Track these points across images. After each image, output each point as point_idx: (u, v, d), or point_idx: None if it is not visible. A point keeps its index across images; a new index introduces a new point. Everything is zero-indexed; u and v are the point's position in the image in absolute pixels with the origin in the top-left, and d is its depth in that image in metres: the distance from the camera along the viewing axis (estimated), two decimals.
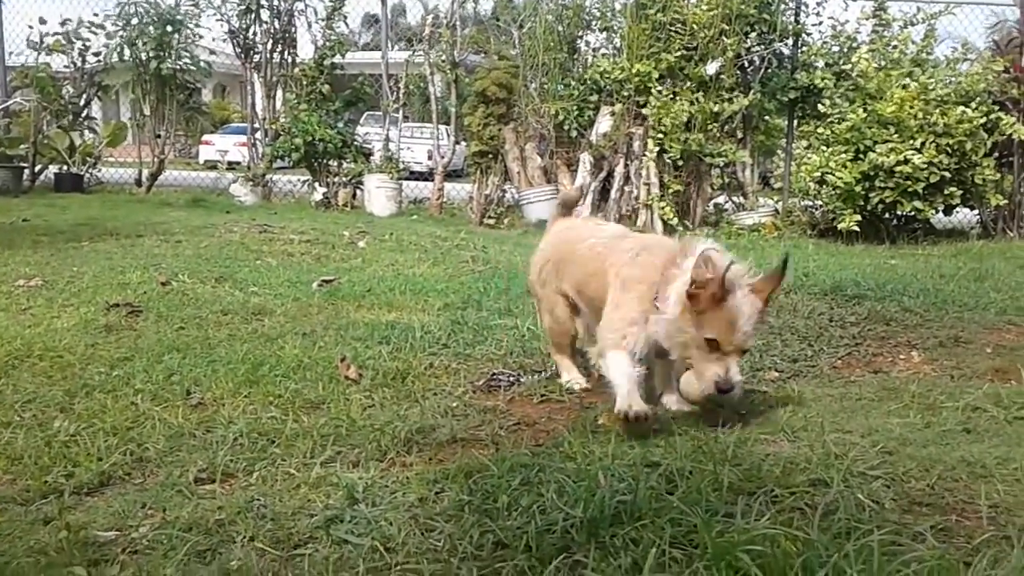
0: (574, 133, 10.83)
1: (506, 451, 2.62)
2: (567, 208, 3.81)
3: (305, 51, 12.88)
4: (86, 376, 3.45)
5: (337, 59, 12.44)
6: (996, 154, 9.16)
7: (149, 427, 2.87)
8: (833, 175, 9.07)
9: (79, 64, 13.41)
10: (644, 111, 9.85)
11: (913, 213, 9.03)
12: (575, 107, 10.76)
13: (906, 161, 8.66)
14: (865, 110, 9.10)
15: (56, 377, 3.45)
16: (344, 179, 12.26)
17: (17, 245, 6.80)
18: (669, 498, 2.06)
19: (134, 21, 12.52)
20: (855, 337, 4.25)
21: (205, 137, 24.75)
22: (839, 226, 9.12)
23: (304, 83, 12.35)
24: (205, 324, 4.45)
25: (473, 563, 1.82)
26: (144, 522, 2.11)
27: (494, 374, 3.57)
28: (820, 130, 9.73)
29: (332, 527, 2.05)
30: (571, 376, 3.46)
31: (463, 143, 12.59)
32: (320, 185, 12.21)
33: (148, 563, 1.85)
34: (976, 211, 9.72)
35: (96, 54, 13.22)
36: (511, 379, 3.51)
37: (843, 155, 9.11)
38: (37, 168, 13.24)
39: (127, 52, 12.55)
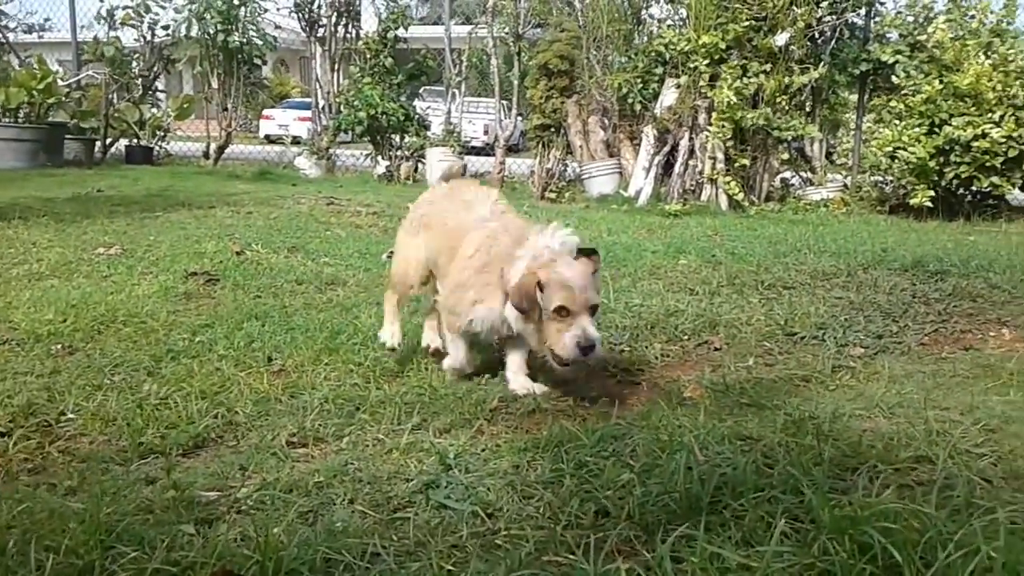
0: (638, 106, 10.69)
1: (592, 423, 2.60)
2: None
3: (368, 24, 12.93)
4: (170, 341, 3.52)
5: (400, 32, 12.44)
6: None
7: (236, 392, 2.92)
8: (906, 150, 8.80)
9: (148, 38, 13.63)
10: (708, 84, 9.64)
11: (989, 189, 8.73)
12: (639, 80, 10.61)
13: (984, 135, 8.38)
14: (941, 82, 8.80)
15: (141, 342, 3.52)
16: (406, 152, 12.28)
17: (94, 215, 6.95)
18: (770, 472, 2.01)
19: None
20: (941, 313, 4.11)
21: (266, 112, 25.10)
22: (911, 202, 8.87)
23: (368, 56, 12.39)
24: (281, 293, 4.52)
25: (577, 530, 1.80)
26: (245, 483, 2.14)
27: None
28: (892, 103, 9.44)
29: (430, 492, 2.05)
30: None
31: (520, 117, 12.52)
32: (383, 159, 12.26)
33: (255, 523, 1.86)
34: None
35: (164, 27, 13.41)
36: None
37: (916, 129, 8.83)
38: (108, 141, 13.53)
39: (195, 26, 12.70)
